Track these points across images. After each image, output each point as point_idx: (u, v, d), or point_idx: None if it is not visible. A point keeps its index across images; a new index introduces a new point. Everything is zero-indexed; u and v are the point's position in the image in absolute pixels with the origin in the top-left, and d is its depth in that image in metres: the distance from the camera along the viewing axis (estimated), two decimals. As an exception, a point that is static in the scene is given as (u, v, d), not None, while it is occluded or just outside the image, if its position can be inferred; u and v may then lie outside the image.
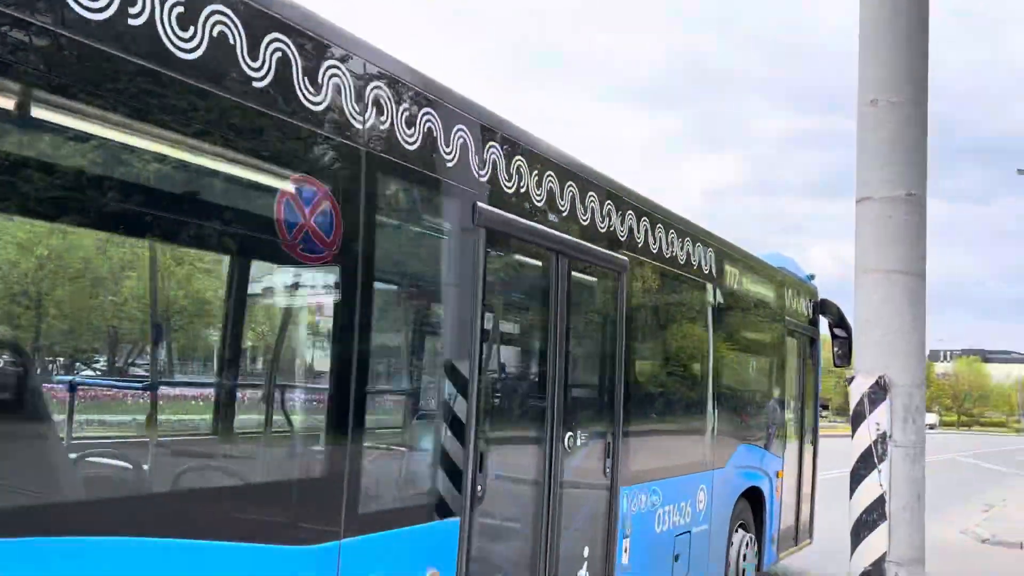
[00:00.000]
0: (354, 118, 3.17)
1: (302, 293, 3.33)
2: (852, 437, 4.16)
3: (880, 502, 4.05)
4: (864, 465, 4.12)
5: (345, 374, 3.07)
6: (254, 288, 3.21)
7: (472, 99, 3.97)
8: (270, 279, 3.29)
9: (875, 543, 4.05)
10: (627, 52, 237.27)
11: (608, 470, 4.83)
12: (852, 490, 4.15)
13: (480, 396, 3.80)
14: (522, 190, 4.21)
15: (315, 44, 3.00)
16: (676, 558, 5.70)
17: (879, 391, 4.08)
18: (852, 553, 4.12)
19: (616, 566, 4.86)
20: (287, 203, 2.88)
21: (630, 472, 5.01)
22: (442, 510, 3.60)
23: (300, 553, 2.85)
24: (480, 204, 3.83)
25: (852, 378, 4.19)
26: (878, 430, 4.09)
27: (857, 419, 4.14)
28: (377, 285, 3.31)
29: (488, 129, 4.01)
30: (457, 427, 3.70)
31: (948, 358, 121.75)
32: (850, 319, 7.89)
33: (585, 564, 4.62)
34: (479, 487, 3.75)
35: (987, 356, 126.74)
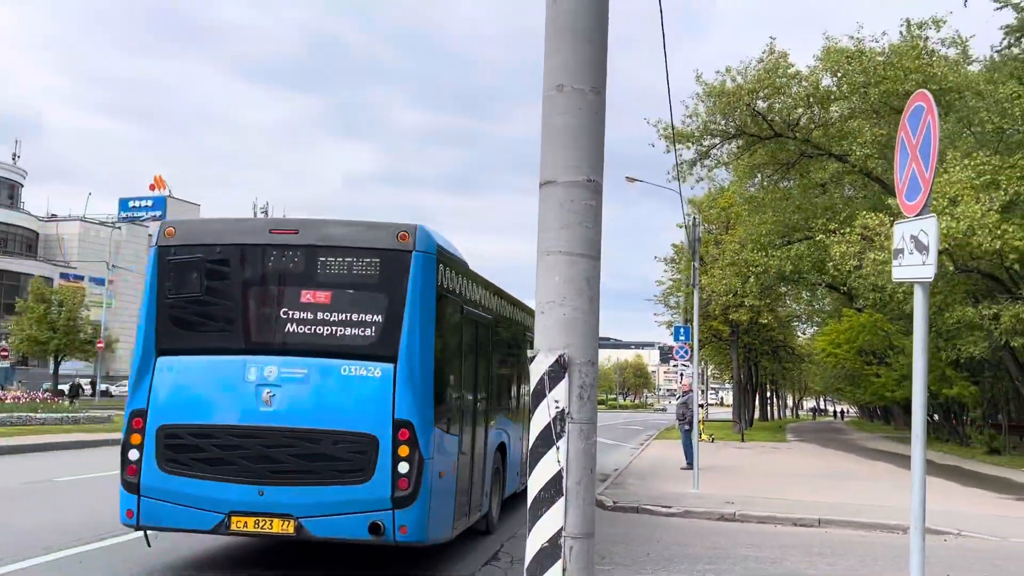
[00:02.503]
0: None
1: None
2: (533, 416, 4.19)
3: (558, 478, 4.08)
4: (543, 443, 4.14)
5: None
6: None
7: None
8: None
9: (552, 519, 4.06)
10: (263, 29, 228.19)
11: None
12: (531, 468, 4.16)
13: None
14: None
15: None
16: None
17: (559, 369, 4.11)
18: (530, 530, 4.12)
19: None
20: None
21: None
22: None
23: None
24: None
25: (533, 357, 4.20)
26: (557, 407, 4.13)
27: (538, 398, 4.14)
28: None
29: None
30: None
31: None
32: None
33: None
34: None
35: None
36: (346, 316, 7.18)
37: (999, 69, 25.18)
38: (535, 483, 4.17)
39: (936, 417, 39.68)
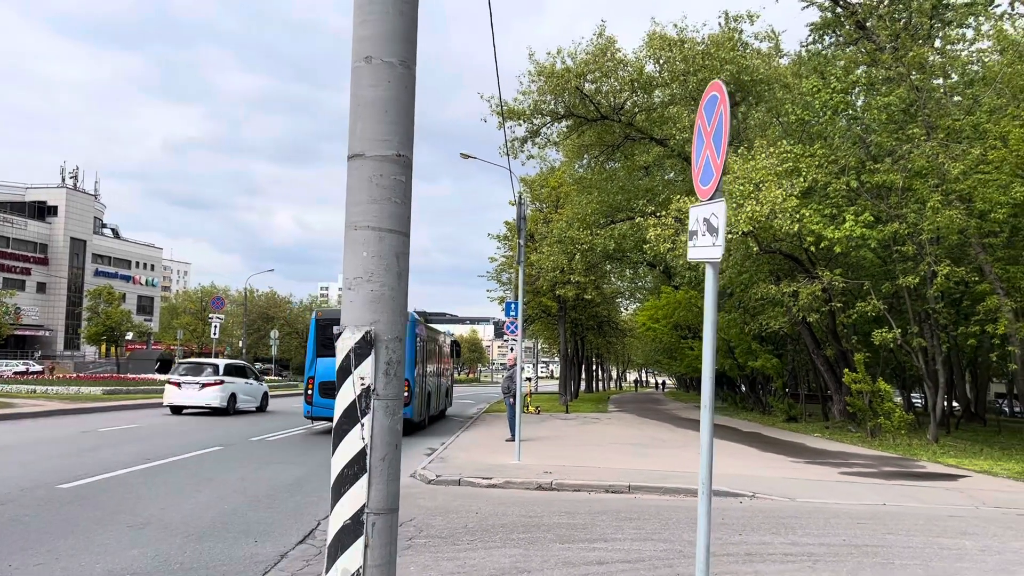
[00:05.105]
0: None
1: None
2: (338, 393, 4.14)
3: (362, 455, 4.07)
4: (348, 420, 4.10)
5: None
6: None
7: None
8: None
9: (355, 496, 4.05)
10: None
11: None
12: (335, 447, 4.12)
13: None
14: None
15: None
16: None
17: (365, 346, 4.08)
18: (332, 508, 4.09)
19: None
20: None
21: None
22: None
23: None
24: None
25: (339, 334, 4.14)
26: (363, 384, 4.11)
27: (343, 374, 4.10)
28: None
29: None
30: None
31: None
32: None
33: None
34: None
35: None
36: None
37: (805, 64, 27.02)
38: (339, 461, 4.11)
39: (743, 387, 42.48)
